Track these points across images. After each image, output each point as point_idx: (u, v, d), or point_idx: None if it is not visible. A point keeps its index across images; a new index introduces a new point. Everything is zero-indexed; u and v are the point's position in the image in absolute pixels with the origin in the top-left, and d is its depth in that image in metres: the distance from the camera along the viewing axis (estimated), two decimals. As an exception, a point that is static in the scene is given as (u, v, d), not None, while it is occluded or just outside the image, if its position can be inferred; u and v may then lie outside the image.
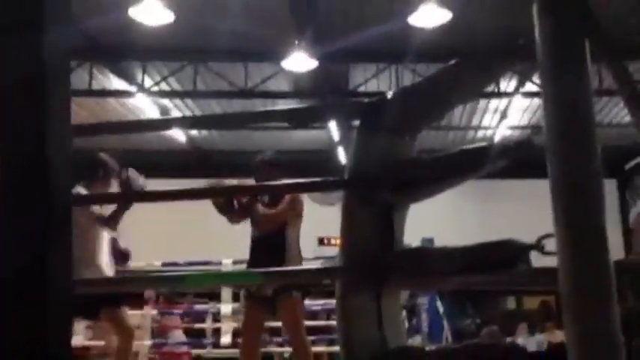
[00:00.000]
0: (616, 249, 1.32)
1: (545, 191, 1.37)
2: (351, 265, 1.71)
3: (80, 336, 6.96)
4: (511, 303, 15.00)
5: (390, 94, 1.80)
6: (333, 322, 6.65)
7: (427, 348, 1.91)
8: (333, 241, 11.47)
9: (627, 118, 10.81)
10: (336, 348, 6.92)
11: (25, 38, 0.99)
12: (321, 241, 11.35)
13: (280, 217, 4.14)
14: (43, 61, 1.02)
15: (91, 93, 9.40)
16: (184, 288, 8.31)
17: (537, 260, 1.56)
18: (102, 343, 5.49)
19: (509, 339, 8.08)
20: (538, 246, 1.45)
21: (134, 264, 7.08)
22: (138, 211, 4.41)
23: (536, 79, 8.90)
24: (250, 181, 4.31)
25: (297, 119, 2.90)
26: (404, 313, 8.17)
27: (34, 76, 1.02)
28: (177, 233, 11.22)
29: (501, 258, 1.52)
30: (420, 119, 1.85)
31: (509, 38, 1.66)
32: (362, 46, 8.16)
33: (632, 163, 10.88)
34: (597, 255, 1.29)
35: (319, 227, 8.60)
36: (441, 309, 9.77)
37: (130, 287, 2.21)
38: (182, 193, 3.18)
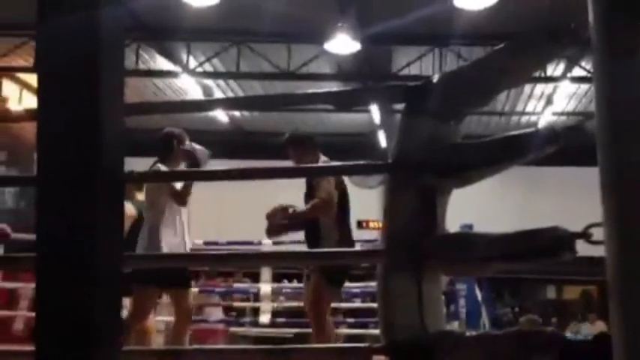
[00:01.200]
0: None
1: (589, 180, 1.34)
2: (393, 248, 1.72)
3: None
4: (551, 293, 14.77)
5: (435, 78, 1.78)
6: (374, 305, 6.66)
7: (467, 334, 1.91)
8: (371, 224, 11.46)
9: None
10: (376, 331, 6.94)
11: (83, 17, 1.02)
12: (359, 224, 11.36)
13: (311, 215, 4.09)
14: (99, 39, 1.04)
15: (137, 73, 9.55)
16: (226, 267, 8.42)
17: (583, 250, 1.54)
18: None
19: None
20: (585, 234, 1.42)
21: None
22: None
23: (584, 63, 8.68)
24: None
25: (339, 102, 2.90)
26: (443, 299, 8.13)
27: (90, 54, 1.04)
28: (219, 213, 11.37)
29: (546, 245, 1.50)
30: (465, 104, 1.82)
31: (559, 21, 1.63)
32: (405, 28, 8.08)
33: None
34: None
35: (358, 210, 8.60)
36: (479, 296, 9.70)
37: (178, 263, 2.26)
38: (227, 174, 3.23)
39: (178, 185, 4.26)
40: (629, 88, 1.33)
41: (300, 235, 4.41)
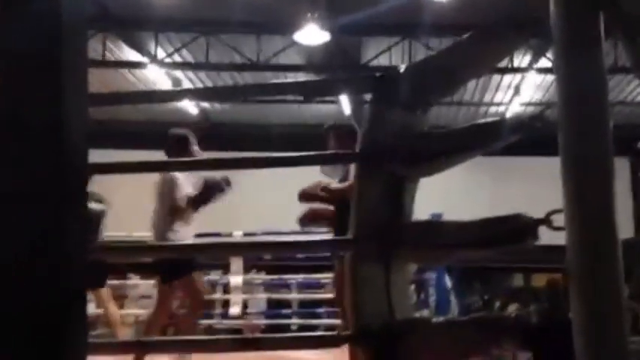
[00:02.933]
0: (627, 227, 1.33)
1: (557, 169, 1.37)
2: (361, 236, 1.73)
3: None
4: (518, 280, 15.02)
5: (402, 68, 1.80)
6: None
7: (435, 320, 1.94)
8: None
9: (641, 97, 10.71)
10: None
11: (43, 5, 1.00)
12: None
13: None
14: (60, 28, 1.02)
15: (104, 64, 9.41)
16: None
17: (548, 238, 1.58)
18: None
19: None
20: (547, 221, 1.46)
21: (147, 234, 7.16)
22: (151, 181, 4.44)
23: (550, 54, 8.81)
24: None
25: (309, 92, 2.91)
26: (412, 287, 8.22)
27: (51, 44, 1.02)
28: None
29: (510, 232, 1.54)
30: (432, 93, 1.85)
31: (524, 12, 1.66)
32: (375, 19, 8.10)
33: (645, 141, 10.77)
34: (605, 232, 1.30)
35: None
36: (448, 284, 9.82)
37: (155, 255, 2.25)
38: (197, 163, 3.22)
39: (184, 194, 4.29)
40: (589, 78, 1.36)
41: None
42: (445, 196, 9.42)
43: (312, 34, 8.35)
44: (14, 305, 0.98)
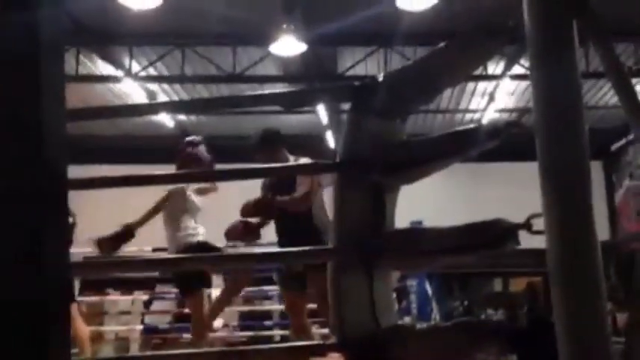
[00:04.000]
0: (601, 229, 1.35)
1: (534, 173, 1.39)
2: (343, 246, 1.74)
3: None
4: (498, 286, 15.15)
5: (380, 77, 1.81)
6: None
7: (418, 326, 1.94)
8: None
9: (613, 100, 10.89)
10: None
11: (19, 17, 0.99)
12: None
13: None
14: (38, 41, 1.01)
15: (77, 78, 9.33)
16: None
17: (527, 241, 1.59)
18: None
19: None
20: (526, 225, 1.47)
21: (127, 249, 7.09)
22: (129, 196, 4.40)
23: (524, 61, 8.93)
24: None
25: (287, 103, 2.91)
26: (394, 295, 8.23)
27: (27, 56, 1.01)
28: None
29: (491, 237, 1.55)
30: (410, 102, 1.86)
31: (498, 20, 1.68)
32: (351, 29, 8.15)
33: (618, 144, 10.97)
34: (584, 235, 1.32)
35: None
36: (429, 291, 9.86)
37: (130, 270, 2.23)
38: (176, 177, 3.19)
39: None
40: (563, 83, 1.39)
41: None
42: (424, 203, 9.48)
43: (288, 45, 8.37)
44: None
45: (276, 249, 3.74)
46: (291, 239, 3.84)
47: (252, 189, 4.11)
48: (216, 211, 4.78)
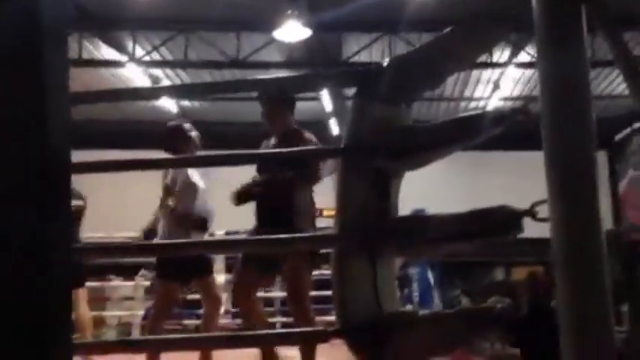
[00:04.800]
0: (605, 219, 1.34)
1: (537, 163, 1.38)
2: (347, 232, 1.73)
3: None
4: (500, 275, 15.17)
5: (385, 63, 1.80)
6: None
7: (421, 313, 1.95)
8: (325, 213, 11.47)
9: (617, 90, 10.84)
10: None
11: (21, 3, 0.98)
12: (313, 212, 11.34)
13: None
14: (41, 26, 1.01)
15: (80, 63, 9.30)
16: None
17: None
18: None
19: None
20: (531, 212, 1.47)
21: (125, 234, 7.10)
22: (130, 181, 4.41)
23: (529, 49, 8.89)
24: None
25: (292, 88, 2.90)
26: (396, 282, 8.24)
27: (31, 42, 1.01)
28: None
29: (494, 223, 1.54)
30: (415, 87, 1.85)
31: (504, 7, 1.67)
32: (355, 15, 8.10)
33: (622, 134, 10.93)
34: (590, 224, 1.31)
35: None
36: (432, 279, 9.88)
37: (133, 255, 2.24)
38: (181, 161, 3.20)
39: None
40: (571, 71, 1.37)
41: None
42: (425, 191, 9.47)
43: (293, 31, 8.33)
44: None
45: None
46: (272, 219, 3.75)
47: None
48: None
